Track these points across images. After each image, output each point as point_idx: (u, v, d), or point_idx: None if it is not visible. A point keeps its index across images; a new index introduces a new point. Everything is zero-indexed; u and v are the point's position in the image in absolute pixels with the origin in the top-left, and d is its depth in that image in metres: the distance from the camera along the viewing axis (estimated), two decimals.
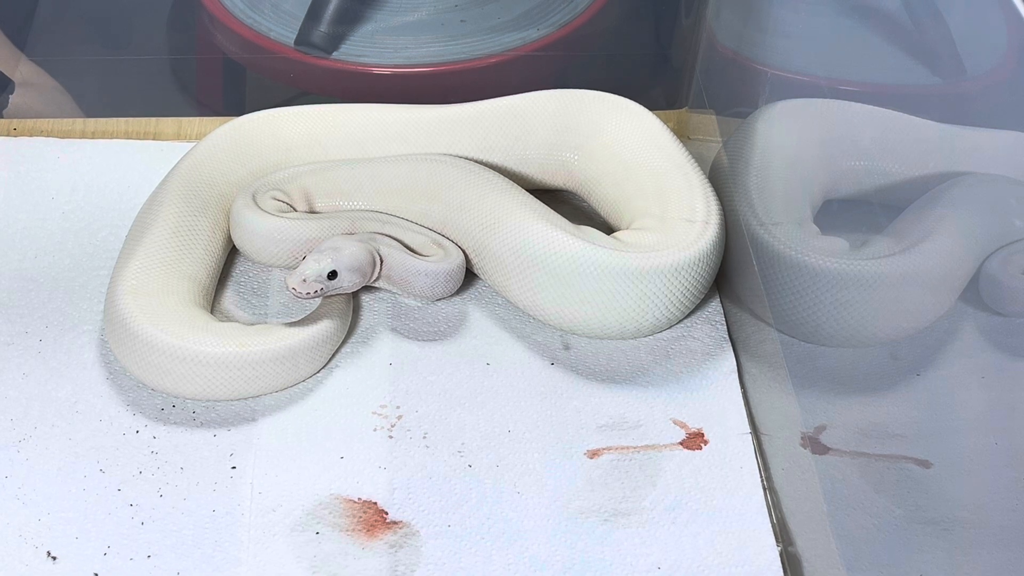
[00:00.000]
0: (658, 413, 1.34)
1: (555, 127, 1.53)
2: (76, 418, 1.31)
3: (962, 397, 1.08)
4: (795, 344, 1.31)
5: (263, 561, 1.20)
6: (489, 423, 1.32)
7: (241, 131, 1.52)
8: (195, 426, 1.31)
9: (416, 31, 1.79)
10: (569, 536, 1.23)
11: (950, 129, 1.16)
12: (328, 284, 1.33)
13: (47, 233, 1.50)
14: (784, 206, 1.38)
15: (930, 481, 1.09)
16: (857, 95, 1.31)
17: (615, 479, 1.28)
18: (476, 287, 1.47)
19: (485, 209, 1.42)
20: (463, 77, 1.74)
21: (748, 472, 1.29)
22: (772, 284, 1.32)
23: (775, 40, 1.49)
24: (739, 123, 1.49)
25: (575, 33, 1.78)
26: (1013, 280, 1.06)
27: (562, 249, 1.36)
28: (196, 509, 1.24)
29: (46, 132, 1.64)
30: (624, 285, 1.35)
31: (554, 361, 1.39)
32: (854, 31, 1.34)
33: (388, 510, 1.24)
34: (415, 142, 1.53)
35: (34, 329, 1.39)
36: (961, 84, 1.15)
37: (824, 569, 1.20)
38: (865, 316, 1.23)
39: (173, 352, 1.29)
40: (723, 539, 1.23)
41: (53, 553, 1.20)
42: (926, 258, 1.15)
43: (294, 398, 1.34)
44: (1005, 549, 0.97)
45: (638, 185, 1.47)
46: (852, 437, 1.21)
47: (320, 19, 1.74)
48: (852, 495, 1.18)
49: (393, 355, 1.39)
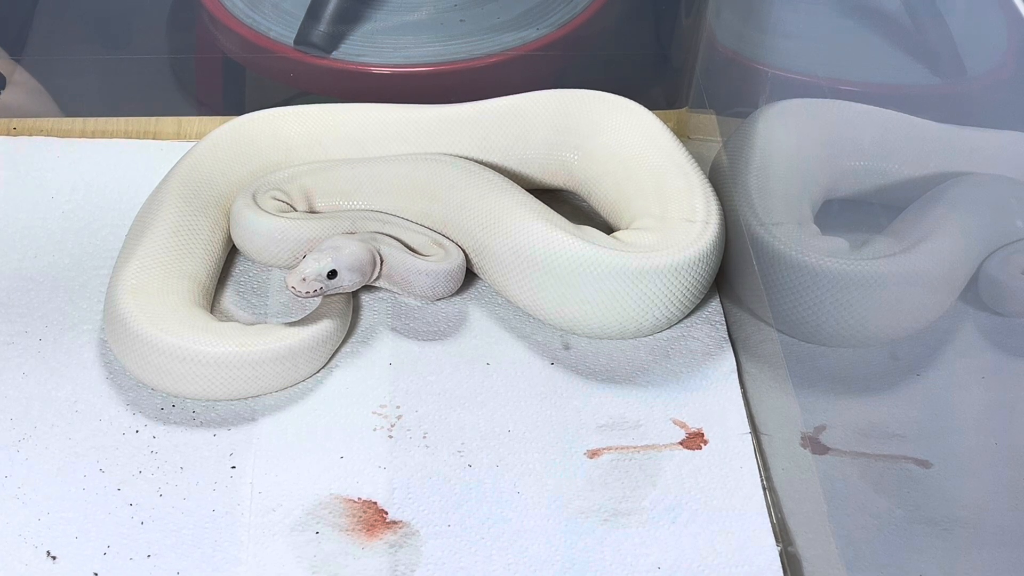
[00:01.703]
0: (658, 413, 1.34)
1: (555, 127, 1.53)
2: (76, 418, 1.31)
3: (962, 397, 1.08)
4: (795, 344, 1.31)
5: (263, 561, 1.20)
6: (489, 423, 1.32)
7: (241, 131, 1.52)
8: (195, 426, 1.31)
9: (416, 31, 1.79)
10: (569, 536, 1.23)
11: (950, 129, 1.16)
12: (328, 283, 1.33)
13: (47, 233, 1.50)
14: (784, 206, 1.38)
15: (930, 481, 1.09)
16: (857, 95, 1.31)
17: (615, 479, 1.28)
18: (476, 287, 1.47)
19: (485, 209, 1.42)
20: (463, 77, 1.73)
21: (748, 472, 1.29)
22: (772, 284, 1.32)
23: (775, 40, 1.49)
24: (739, 123, 1.49)
25: (575, 33, 1.78)
26: (1013, 280, 1.06)
27: (562, 249, 1.36)
28: (196, 509, 1.24)
29: (46, 132, 1.64)
30: (624, 285, 1.35)
31: (554, 361, 1.39)
32: (854, 31, 1.34)
33: (388, 510, 1.24)
34: (415, 142, 1.53)
35: (34, 329, 1.39)
36: (961, 84, 1.15)
37: (824, 569, 1.20)
38: (865, 316, 1.23)
39: (173, 352, 1.29)
40: (723, 539, 1.23)
41: (53, 553, 1.20)
42: (926, 258, 1.15)
43: (294, 398, 1.34)
44: (1005, 549, 0.97)
45: (638, 185, 1.47)
46: (852, 437, 1.21)
47: (320, 19, 1.74)
48: (852, 495, 1.18)
49: (393, 355, 1.39)
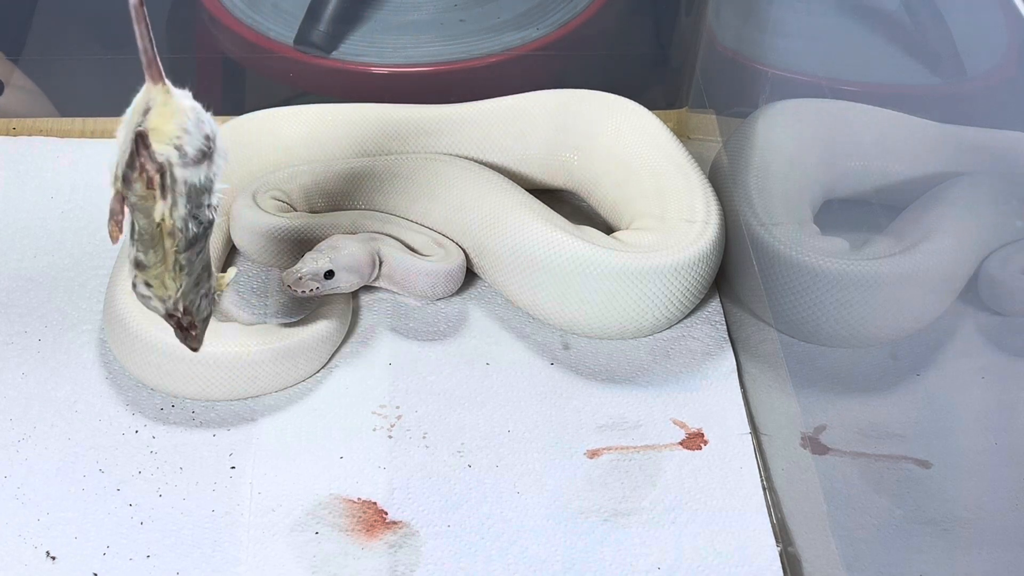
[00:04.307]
0: (658, 413, 1.34)
1: (555, 127, 1.53)
2: (75, 418, 1.31)
3: (962, 397, 1.08)
4: (795, 344, 1.31)
5: (262, 561, 1.20)
6: (489, 423, 1.32)
7: (240, 131, 1.52)
8: (194, 426, 1.31)
9: (416, 31, 1.79)
10: (569, 536, 1.23)
11: (950, 129, 1.16)
12: (324, 283, 1.33)
13: (47, 233, 1.50)
14: (784, 206, 1.38)
15: (930, 481, 1.09)
16: (857, 95, 1.31)
17: (615, 479, 1.28)
18: (476, 287, 1.47)
19: (485, 209, 1.42)
20: (463, 77, 1.73)
21: (748, 472, 1.29)
22: (772, 284, 1.32)
23: (775, 40, 1.49)
24: (739, 123, 1.49)
25: (575, 33, 1.78)
26: (1013, 280, 1.06)
27: (562, 249, 1.36)
28: (195, 509, 1.24)
29: (46, 132, 1.64)
30: (624, 285, 1.35)
31: (554, 361, 1.39)
32: (854, 31, 1.34)
33: (388, 510, 1.24)
34: (415, 142, 1.53)
35: (33, 329, 1.39)
36: (961, 84, 1.15)
37: (824, 569, 1.20)
38: (865, 316, 1.23)
39: (173, 352, 1.29)
40: (723, 539, 1.23)
41: (52, 553, 1.20)
42: (926, 258, 1.15)
43: (294, 398, 1.34)
44: (1005, 549, 0.97)
45: (638, 185, 1.47)
46: (852, 437, 1.21)
47: (319, 18, 1.74)
48: (852, 495, 1.18)
49: (393, 355, 1.39)
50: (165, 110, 1.05)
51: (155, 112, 1.05)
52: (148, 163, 1.03)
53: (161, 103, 1.05)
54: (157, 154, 1.04)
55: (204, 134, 1.07)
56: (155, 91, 1.05)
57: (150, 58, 1.05)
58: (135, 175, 1.04)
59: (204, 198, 1.07)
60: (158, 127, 1.04)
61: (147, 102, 1.05)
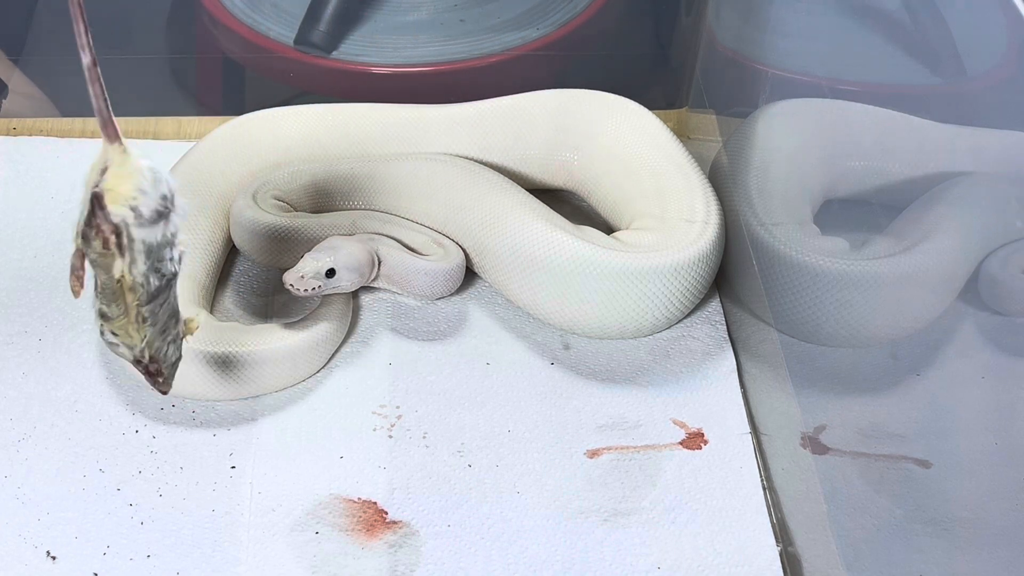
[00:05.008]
0: (658, 413, 1.34)
1: (555, 127, 1.53)
2: (75, 417, 1.31)
3: (962, 397, 1.08)
4: (795, 344, 1.31)
5: (263, 561, 1.20)
6: (489, 423, 1.32)
7: (241, 131, 1.52)
8: (194, 426, 1.31)
9: (416, 31, 1.79)
10: (569, 536, 1.23)
11: (950, 129, 1.16)
12: (326, 282, 1.34)
13: (47, 232, 1.50)
14: (784, 206, 1.38)
15: (930, 481, 1.09)
16: (857, 95, 1.31)
17: (615, 479, 1.28)
18: (476, 287, 1.47)
19: (485, 209, 1.42)
20: (463, 77, 1.73)
21: (748, 472, 1.29)
22: (772, 284, 1.32)
23: (775, 40, 1.49)
24: (739, 123, 1.49)
25: (575, 33, 1.78)
26: (1013, 280, 1.06)
27: (562, 249, 1.36)
28: (195, 509, 1.24)
29: (46, 132, 1.64)
30: (624, 285, 1.35)
31: (554, 361, 1.39)
32: (854, 31, 1.34)
33: (388, 510, 1.24)
34: (415, 142, 1.53)
35: (34, 328, 1.39)
36: (961, 84, 1.15)
37: (824, 569, 1.20)
38: (865, 316, 1.23)
39: None
40: (723, 539, 1.23)
41: (53, 553, 1.20)
42: (926, 258, 1.15)
43: (294, 398, 1.34)
44: (1005, 549, 0.97)
45: (638, 185, 1.47)
46: (852, 437, 1.21)
47: (319, 19, 1.74)
48: (852, 495, 1.18)
49: (393, 355, 1.39)
50: (121, 171, 1.05)
51: (111, 172, 1.05)
52: (103, 224, 1.04)
53: (117, 163, 1.05)
54: (112, 215, 1.04)
55: (161, 194, 1.06)
56: (111, 151, 1.05)
57: (106, 118, 1.04)
58: (92, 233, 1.05)
59: (165, 252, 1.08)
60: (114, 187, 1.04)
61: (104, 161, 1.05)
